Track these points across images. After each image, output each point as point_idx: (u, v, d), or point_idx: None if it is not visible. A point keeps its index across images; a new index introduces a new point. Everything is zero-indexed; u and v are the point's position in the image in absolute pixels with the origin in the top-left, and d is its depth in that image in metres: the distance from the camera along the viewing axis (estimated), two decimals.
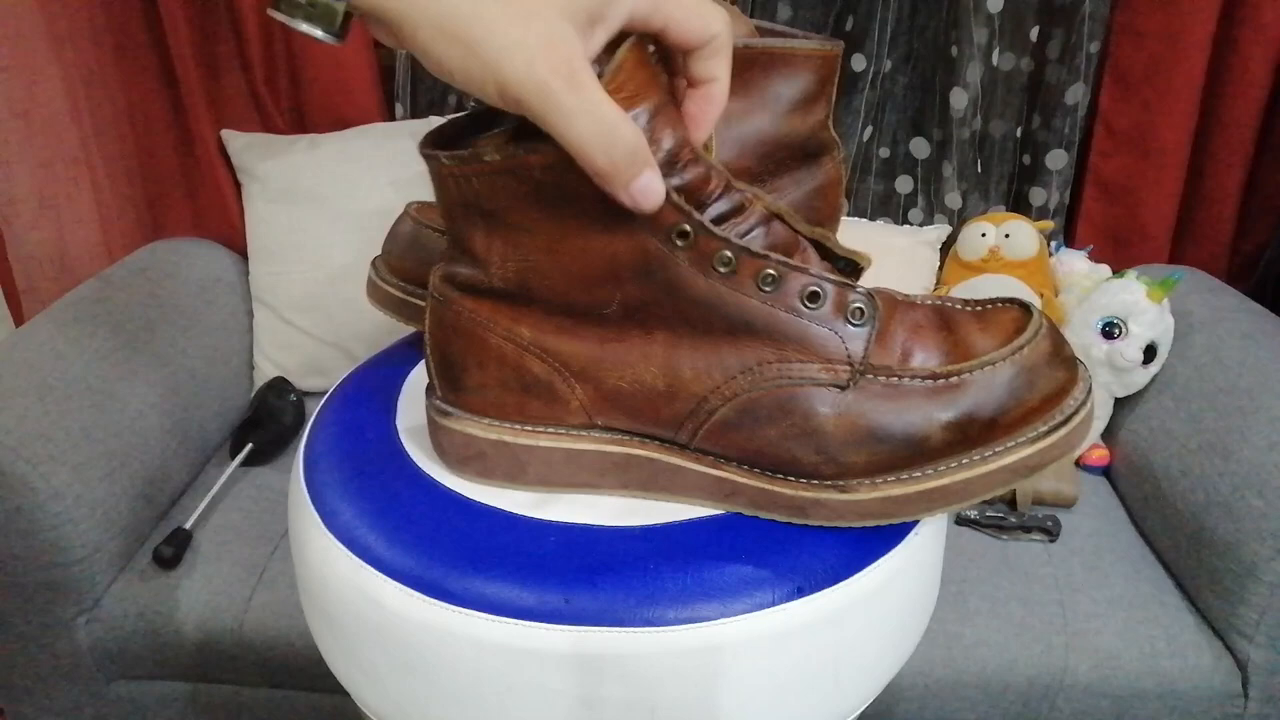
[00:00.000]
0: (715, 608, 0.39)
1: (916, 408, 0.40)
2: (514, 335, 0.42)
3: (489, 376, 0.43)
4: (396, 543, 0.42)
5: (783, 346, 0.40)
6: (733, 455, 0.42)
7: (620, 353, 0.41)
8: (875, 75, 1.30)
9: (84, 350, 1.03)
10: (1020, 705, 0.94)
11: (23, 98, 1.19)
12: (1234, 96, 1.23)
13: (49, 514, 0.91)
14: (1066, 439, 0.40)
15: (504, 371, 0.43)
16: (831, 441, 0.40)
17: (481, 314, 0.42)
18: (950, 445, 0.40)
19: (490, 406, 0.44)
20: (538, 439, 0.44)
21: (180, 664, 0.99)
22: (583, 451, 0.44)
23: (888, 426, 0.40)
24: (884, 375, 0.40)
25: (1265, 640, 0.92)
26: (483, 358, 0.43)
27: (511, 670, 0.39)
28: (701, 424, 0.41)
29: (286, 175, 1.26)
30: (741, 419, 0.41)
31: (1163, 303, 1.12)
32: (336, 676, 0.47)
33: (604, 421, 0.43)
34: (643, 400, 0.42)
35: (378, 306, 0.61)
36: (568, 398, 0.43)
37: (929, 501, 0.41)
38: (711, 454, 0.43)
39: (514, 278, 0.41)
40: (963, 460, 0.40)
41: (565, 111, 0.32)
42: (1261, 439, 0.95)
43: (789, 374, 0.40)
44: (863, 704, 0.46)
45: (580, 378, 0.42)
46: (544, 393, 0.43)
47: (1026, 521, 1.06)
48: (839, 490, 0.41)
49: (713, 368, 0.40)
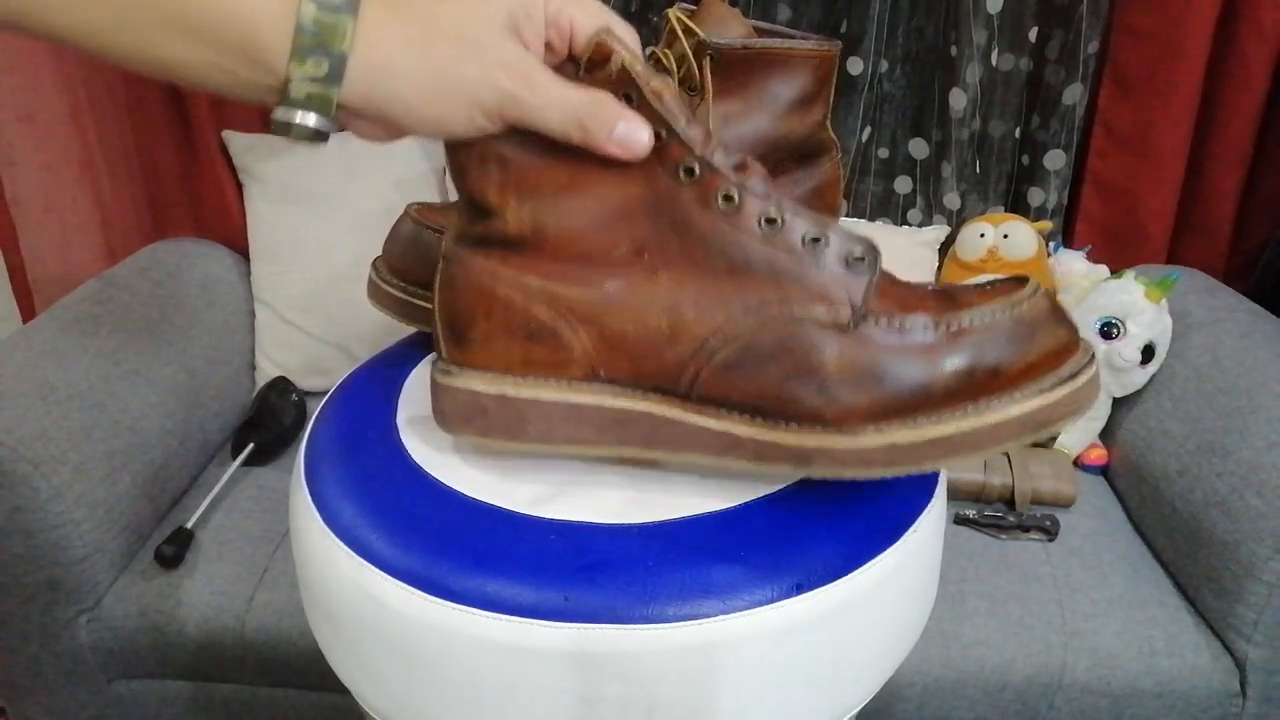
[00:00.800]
0: (714, 605, 0.39)
1: (919, 351, 0.40)
2: (522, 284, 0.43)
3: (495, 325, 0.44)
4: (397, 541, 0.42)
5: (784, 287, 0.41)
6: (734, 400, 0.42)
7: (626, 296, 0.42)
8: (874, 76, 1.30)
9: (85, 350, 1.03)
10: (1019, 704, 0.95)
11: (26, 101, 1.20)
12: (1233, 97, 1.23)
13: (50, 513, 0.91)
14: (1073, 396, 0.40)
15: (510, 319, 0.43)
16: (833, 381, 0.40)
17: (491, 265, 0.43)
18: (955, 393, 0.40)
19: (495, 359, 0.44)
20: (539, 392, 0.44)
21: (182, 663, 0.99)
22: (583, 406, 0.44)
23: (889, 367, 0.40)
24: (885, 319, 0.40)
25: (1263, 639, 0.92)
26: (490, 307, 0.44)
27: (512, 668, 0.40)
28: (704, 366, 0.42)
29: (287, 176, 1.26)
30: (743, 359, 0.41)
31: (1161, 303, 1.12)
32: (338, 675, 0.47)
33: (606, 372, 0.43)
34: (646, 344, 0.42)
35: (378, 307, 0.62)
36: (571, 344, 0.43)
37: (936, 451, 0.40)
38: (713, 403, 0.43)
39: (528, 221, 0.42)
40: (970, 408, 0.40)
41: (534, 109, 0.38)
42: (1260, 439, 0.95)
43: (790, 314, 0.40)
44: (861, 702, 0.46)
45: (585, 323, 0.43)
46: (548, 339, 0.43)
47: (1025, 521, 1.06)
48: (843, 436, 0.40)
49: (715, 308, 0.41)
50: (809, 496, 0.45)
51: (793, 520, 0.43)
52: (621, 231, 0.42)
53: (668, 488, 0.46)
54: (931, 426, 0.40)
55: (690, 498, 0.45)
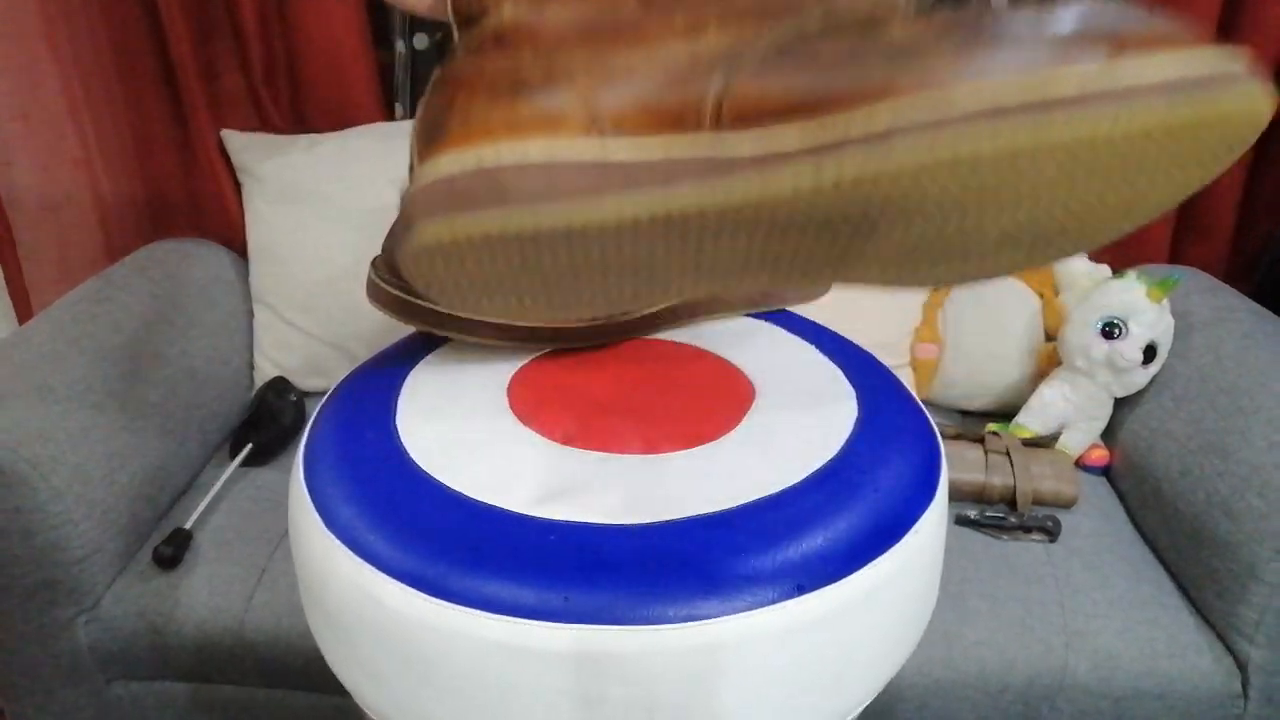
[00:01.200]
0: (715, 606, 0.39)
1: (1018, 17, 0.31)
2: (515, 62, 0.36)
3: (476, 96, 0.35)
4: (397, 542, 0.42)
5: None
6: (772, 104, 0.32)
7: (638, 44, 0.35)
8: None
9: (84, 350, 1.03)
10: (1020, 706, 0.94)
11: (23, 99, 1.19)
12: None
13: (49, 514, 0.91)
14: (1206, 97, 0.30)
15: (495, 83, 0.35)
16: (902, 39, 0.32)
17: (478, 59, 0.37)
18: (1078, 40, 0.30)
19: (473, 133, 0.34)
20: (527, 150, 0.34)
21: (180, 664, 0.98)
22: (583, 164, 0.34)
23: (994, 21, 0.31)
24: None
25: (1265, 641, 0.92)
26: (474, 83, 0.36)
27: (511, 669, 0.39)
28: (731, 76, 0.33)
29: (286, 175, 1.26)
30: (784, 50, 0.32)
31: (1163, 303, 1.12)
32: (337, 676, 0.47)
33: (612, 121, 0.34)
34: (659, 72, 0.34)
35: (378, 306, 0.61)
36: (566, 96, 0.35)
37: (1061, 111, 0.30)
38: (746, 119, 0.32)
39: (524, 10, 0.36)
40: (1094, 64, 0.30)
41: None
42: (1261, 439, 0.95)
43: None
44: (863, 703, 0.46)
45: (585, 73, 0.35)
46: (539, 96, 0.35)
47: (1026, 521, 1.06)
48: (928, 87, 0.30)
49: (742, 22, 0.34)
50: (810, 498, 0.45)
51: (794, 521, 0.43)
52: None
53: (668, 488, 0.45)
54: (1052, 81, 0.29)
55: (691, 498, 0.44)
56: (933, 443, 0.51)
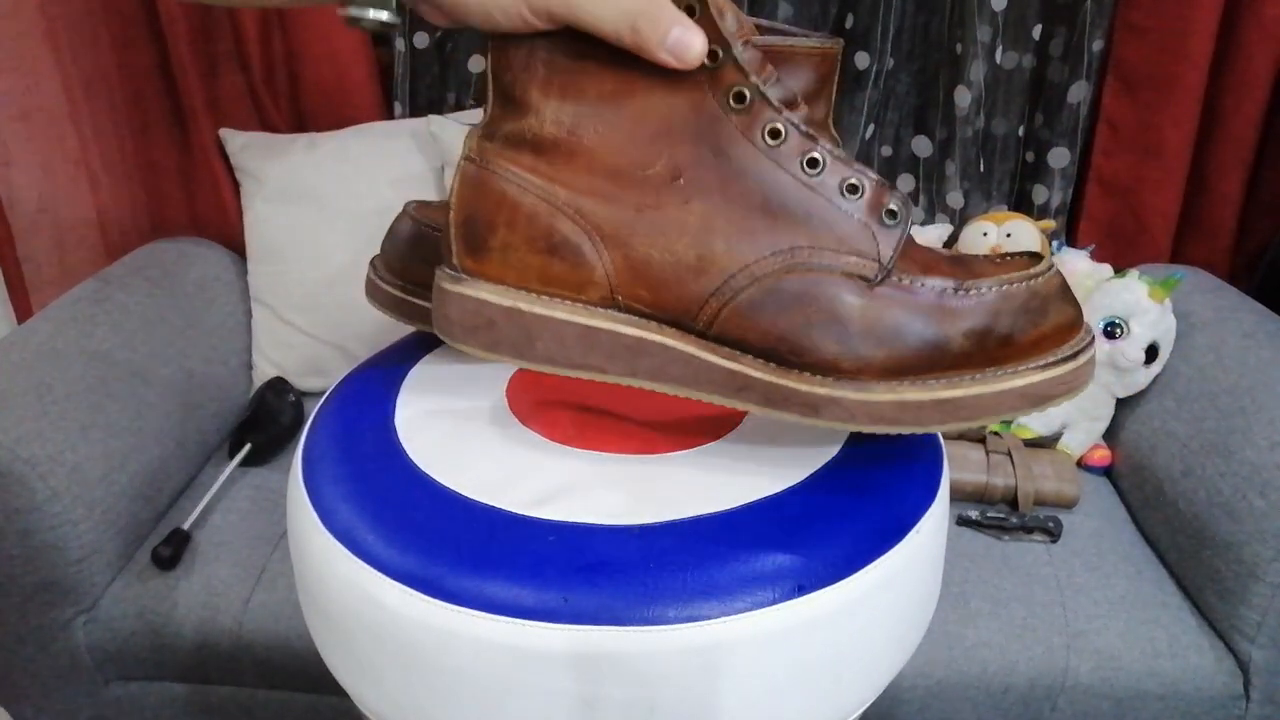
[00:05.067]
0: (715, 606, 0.39)
1: (939, 312, 0.40)
2: (549, 194, 0.42)
3: (516, 235, 0.42)
4: (395, 542, 0.42)
5: (817, 234, 0.41)
6: (751, 343, 0.42)
7: (656, 219, 0.41)
8: (878, 73, 1.30)
9: (82, 350, 1.03)
10: (1021, 706, 0.94)
11: (22, 99, 1.19)
12: (1237, 95, 1.22)
13: (47, 515, 0.90)
14: (1075, 374, 0.41)
15: (533, 230, 0.42)
16: (854, 332, 0.40)
17: (517, 172, 0.42)
18: (968, 356, 0.40)
19: (510, 271, 0.43)
20: (554, 309, 0.43)
21: (179, 665, 0.98)
22: (596, 329, 0.43)
23: (910, 325, 0.40)
24: (909, 277, 0.41)
25: (1267, 641, 0.92)
26: (513, 216, 0.42)
27: (511, 670, 0.39)
28: (725, 303, 0.41)
29: (285, 175, 1.26)
30: (766, 300, 0.41)
31: (1164, 302, 1.12)
32: (336, 677, 0.47)
33: (625, 298, 0.42)
34: (670, 272, 0.41)
35: (377, 306, 0.61)
36: (594, 263, 0.42)
37: (942, 412, 0.41)
38: (728, 343, 0.42)
39: (566, 124, 0.41)
40: (977, 375, 0.40)
41: (585, 6, 0.38)
42: (1263, 439, 0.94)
43: (820, 261, 0.40)
44: (863, 704, 0.46)
45: (611, 243, 0.42)
46: (571, 255, 0.42)
47: (1028, 522, 1.06)
48: (855, 388, 0.41)
49: (745, 245, 0.41)
50: (810, 498, 0.44)
51: (794, 521, 0.43)
52: (660, 150, 0.41)
53: (668, 488, 0.45)
54: (941, 388, 0.40)
55: (691, 498, 0.44)
56: (934, 443, 0.51)
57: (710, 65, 0.40)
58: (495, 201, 0.42)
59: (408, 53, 1.33)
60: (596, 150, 0.41)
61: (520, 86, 0.41)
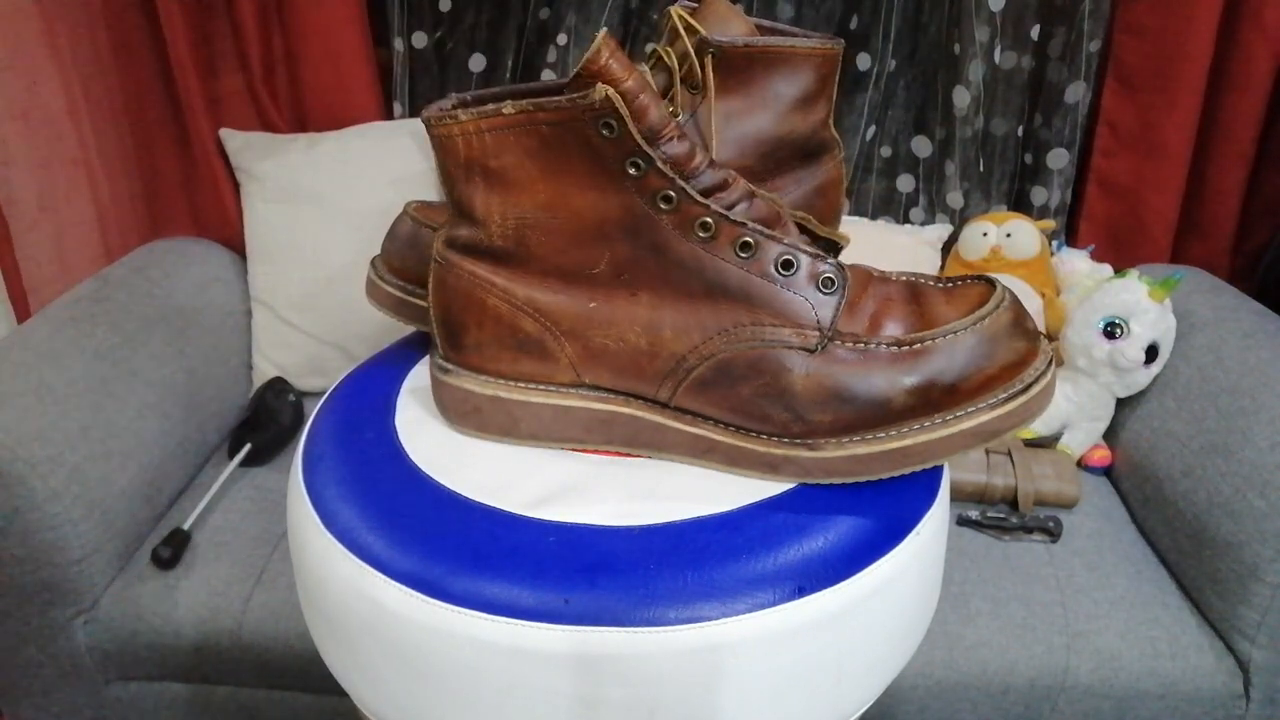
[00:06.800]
0: (715, 608, 0.39)
1: (881, 372, 0.42)
2: (509, 295, 0.45)
3: (485, 335, 0.46)
4: (396, 543, 0.42)
5: (757, 310, 0.43)
6: (710, 413, 0.45)
7: (607, 312, 0.44)
8: (879, 74, 1.30)
9: (82, 350, 1.03)
10: (1022, 707, 0.94)
11: (21, 98, 1.19)
12: (1236, 95, 1.22)
13: (47, 515, 0.90)
14: (1025, 407, 0.42)
15: (499, 330, 0.46)
16: (800, 401, 0.43)
17: (479, 275, 0.45)
18: (913, 409, 0.42)
19: (487, 363, 0.47)
20: (529, 395, 0.47)
21: (179, 665, 0.98)
22: (571, 408, 0.47)
23: (853, 388, 0.42)
24: (850, 341, 0.43)
25: (1267, 641, 0.92)
26: (480, 317, 0.46)
27: (511, 670, 0.39)
28: (681, 381, 0.45)
29: (285, 174, 1.26)
30: (718, 377, 0.44)
31: (1164, 302, 1.12)
32: (335, 677, 0.47)
33: (591, 379, 0.46)
34: (626, 358, 0.45)
35: (377, 306, 0.61)
36: (557, 355, 0.46)
37: (892, 461, 0.43)
38: (690, 412, 0.46)
39: (512, 235, 0.44)
40: (924, 423, 0.42)
41: None
42: (1264, 439, 0.94)
43: (762, 336, 0.43)
44: (864, 705, 0.46)
45: (569, 336, 0.45)
46: (535, 350, 0.46)
47: (1028, 522, 1.06)
48: (808, 448, 0.44)
49: (691, 328, 0.44)
50: (810, 499, 0.44)
51: (794, 523, 0.43)
52: (602, 250, 0.43)
53: (668, 489, 0.45)
54: (890, 440, 0.43)
55: (691, 500, 0.44)
56: None
57: (635, 174, 0.41)
58: (463, 303, 0.46)
59: (407, 53, 1.33)
60: (543, 255, 0.44)
61: (467, 200, 0.44)
